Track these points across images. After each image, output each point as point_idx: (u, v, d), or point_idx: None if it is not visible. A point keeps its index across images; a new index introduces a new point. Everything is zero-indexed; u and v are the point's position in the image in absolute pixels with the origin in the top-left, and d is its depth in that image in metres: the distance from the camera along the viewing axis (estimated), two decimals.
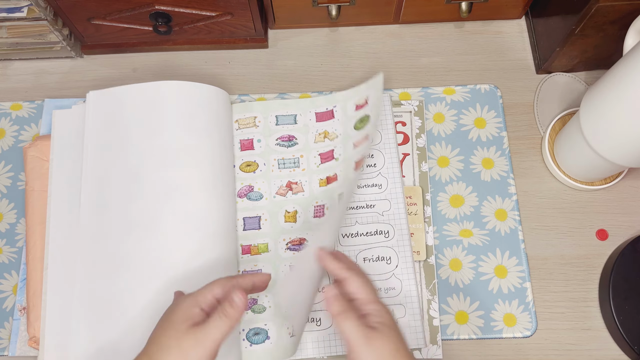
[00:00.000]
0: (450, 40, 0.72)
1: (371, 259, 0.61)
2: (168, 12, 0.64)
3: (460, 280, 0.61)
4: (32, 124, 0.68)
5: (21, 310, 0.60)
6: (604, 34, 0.61)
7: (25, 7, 0.62)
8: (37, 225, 0.61)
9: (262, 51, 0.72)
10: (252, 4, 0.63)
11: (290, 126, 0.66)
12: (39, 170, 0.63)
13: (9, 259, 0.62)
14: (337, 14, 0.67)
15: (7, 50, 0.69)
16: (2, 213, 0.64)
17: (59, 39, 0.67)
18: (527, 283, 0.61)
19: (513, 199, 0.64)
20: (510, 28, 0.72)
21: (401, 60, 0.71)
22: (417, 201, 0.63)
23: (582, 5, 0.57)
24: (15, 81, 0.70)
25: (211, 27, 0.67)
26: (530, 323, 0.59)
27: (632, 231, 0.63)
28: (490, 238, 0.63)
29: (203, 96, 0.63)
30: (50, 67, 0.71)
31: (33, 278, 0.59)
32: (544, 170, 0.66)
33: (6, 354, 0.59)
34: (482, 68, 0.70)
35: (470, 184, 0.65)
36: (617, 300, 0.58)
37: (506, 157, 0.66)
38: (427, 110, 0.68)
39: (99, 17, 0.65)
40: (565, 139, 0.62)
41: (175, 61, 0.71)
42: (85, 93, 0.64)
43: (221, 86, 0.69)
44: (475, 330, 0.59)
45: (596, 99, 0.54)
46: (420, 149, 0.66)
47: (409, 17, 0.71)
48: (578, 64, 0.68)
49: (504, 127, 0.67)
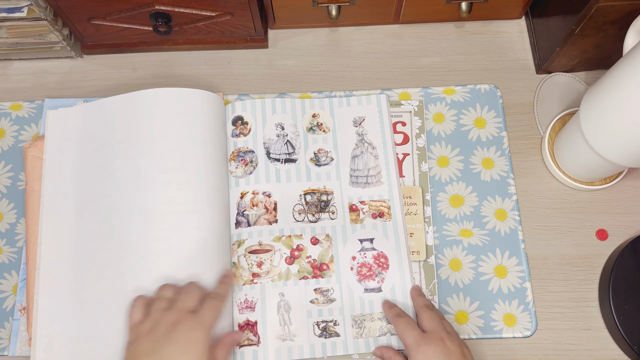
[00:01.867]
0: (450, 40, 0.72)
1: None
2: (168, 12, 0.64)
3: (460, 280, 0.61)
4: (32, 124, 0.68)
5: (21, 310, 0.60)
6: (604, 34, 0.61)
7: (25, 7, 0.62)
8: (37, 225, 0.60)
9: (262, 51, 0.72)
10: (252, 4, 0.63)
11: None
12: (39, 170, 0.63)
13: (9, 259, 0.62)
14: (337, 14, 0.67)
15: (7, 50, 0.69)
16: (2, 213, 0.64)
17: (59, 39, 0.67)
18: (527, 283, 0.61)
19: (513, 199, 0.64)
20: (510, 28, 0.72)
21: (401, 60, 0.71)
22: (417, 201, 0.63)
23: (582, 5, 0.57)
24: (15, 81, 0.70)
25: (211, 27, 0.67)
26: (530, 323, 0.59)
27: (632, 231, 0.63)
28: (490, 238, 0.63)
29: (193, 103, 0.62)
30: (50, 67, 0.71)
31: (33, 278, 0.59)
32: (544, 170, 0.66)
33: (6, 354, 0.59)
34: (482, 68, 0.70)
35: (470, 184, 0.65)
36: (617, 300, 0.58)
37: (506, 157, 0.66)
38: (427, 110, 0.68)
39: (99, 17, 0.65)
40: (565, 139, 0.62)
41: (175, 61, 0.71)
42: (85, 93, 0.64)
43: (221, 86, 0.69)
44: (475, 330, 0.59)
45: (596, 99, 0.54)
46: (420, 149, 0.66)
47: (409, 17, 0.71)
48: (578, 64, 0.68)
49: (504, 127, 0.67)
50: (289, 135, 0.65)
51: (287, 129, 0.65)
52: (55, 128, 0.63)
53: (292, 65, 0.71)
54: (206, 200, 0.59)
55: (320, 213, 0.62)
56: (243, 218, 0.61)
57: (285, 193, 0.62)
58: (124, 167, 0.59)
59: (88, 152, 0.61)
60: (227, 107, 0.66)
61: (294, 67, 0.71)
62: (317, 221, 0.61)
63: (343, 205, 0.62)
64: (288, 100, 0.67)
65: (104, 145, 0.61)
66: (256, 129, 0.65)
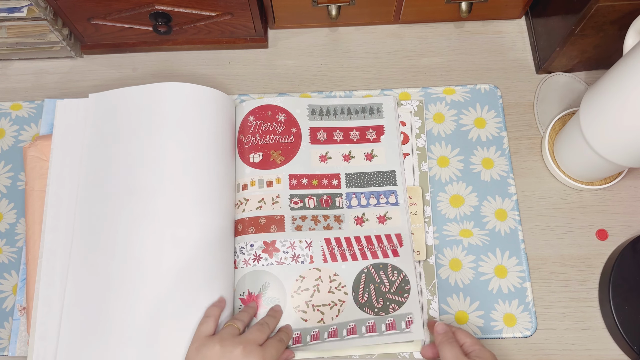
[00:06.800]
0: (450, 40, 0.72)
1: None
2: (168, 12, 0.64)
3: (460, 280, 0.61)
4: (32, 124, 0.68)
5: (21, 310, 0.60)
6: (604, 34, 0.61)
7: (25, 7, 0.62)
8: (37, 225, 0.60)
9: (262, 51, 0.72)
10: (252, 4, 0.63)
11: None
12: (39, 170, 0.63)
13: (9, 259, 0.62)
14: (337, 14, 0.67)
15: (7, 50, 0.69)
16: (2, 213, 0.64)
17: (58, 39, 0.67)
18: (527, 283, 0.61)
19: (513, 199, 0.64)
20: (510, 28, 0.73)
21: (401, 60, 0.71)
22: (417, 201, 0.63)
23: (582, 5, 0.57)
24: (15, 81, 0.70)
25: (211, 27, 0.67)
26: (530, 323, 0.59)
27: (632, 231, 0.63)
28: (490, 238, 0.63)
29: (206, 101, 0.62)
30: (50, 67, 0.71)
31: (33, 278, 0.59)
32: (544, 170, 0.66)
33: (6, 354, 0.59)
34: (482, 68, 0.70)
35: (470, 184, 0.65)
36: (617, 300, 0.58)
37: (506, 157, 0.66)
38: (427, 110, 0.68)
39: (98, 17, 0.65)
40: (565, 139, 0.62)
41: (175, 61, 0.71)
42: (85, 93, 0.64)
43: (221, 86, 0.69)
44: (475, 330, 0.59)
45: (596, 99, 0.54)
46: (420, 148, 0.66)
47: (409, 17, 0.71)
48: (578, 64, 0.68)
49: (504, 127, 0.67)
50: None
51: None
52: (64, 118, 0.63)
53: (292, 65, 0.71)
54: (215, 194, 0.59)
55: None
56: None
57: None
58: (132, 159, 0.59)
59: (97, 144, 0.61)
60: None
61: (294, 67, 0.71)
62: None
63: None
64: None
65: (110, 145, 0.61)
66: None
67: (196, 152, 0.60)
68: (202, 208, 0.58)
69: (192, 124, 0.61)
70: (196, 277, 0.56)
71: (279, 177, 0.62)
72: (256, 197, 0.61)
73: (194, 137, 0.60)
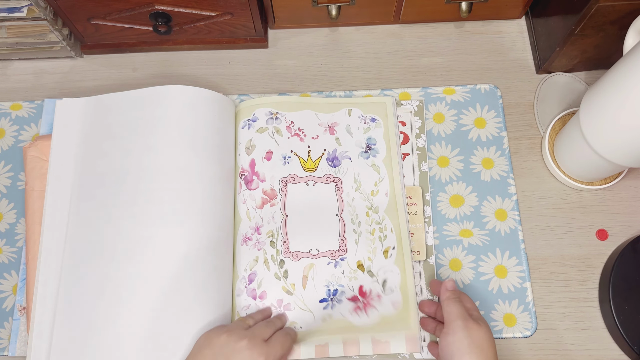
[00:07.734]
0: (450, 40, 0.72)
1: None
2: (168, 12, 0.64)
3: (460, 280, 0.61)
4: (32, 124, 0.68)
5: (21, 310, 0.60)
6: (604, 34, 0.61)
7: (25, 7, 0.62)
8: (37, 225, 0.60)
9: (262, 51, 0.72)
10: (252, 4, 0.63)
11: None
12: (38, 170, 0.63)
13: (8, 259, 0.62)
14: (337, 14, 0.67)
15: (7, 50, 0.69)
16: (2, 213, 0.64)
17: (58, 39, 0.67)
18: (527, 283, 0.61)
19: (513, 199, 0.64)
20: (510, 28, 0.73)
21: (401, 60, 0.71)
22: (417, 201, 0.63)
23: (582, 5, 0.57)
24: (15, 81, 0.70)
25: (211, 27, 0.67)
26: (530, 323, 0.59)
27: (632, 231, 0.63)
28: (490, 238, 0.63)
29: (205, 103, 0.62)
30: (50, 67, 0.71)
31: (33, 278, 0.59)
32: (544, 170, 0.66)
33: (6, 354, 0.59)
34: (482, 68, 0.70)
35: (470, 184, 0.65)
36: (617, 300, 0.58)
37: (506, 157, 0.66)
38: (427, 110, 0.68)
39: (98, 17, 0.65)
40: (565, 139, 0.62)
41: (175, 61, 0.71)
42: (85, 93, 0.64)
43: (221, 86, 0.69)
44: None
45: (596, 99, 0.54)
46: (420, 149, 0.66)
47: (409, 17, 0.71)
48: (578, 64, 0.68)
49: (504, 127, 0.67)
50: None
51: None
52: (64, 118, 0.63)
53: (292, 65, 0.71)
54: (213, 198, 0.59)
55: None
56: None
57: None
58: (130, 161, 0.59)
59: (95, 145, 0.61)
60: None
61: (294, 67, 0.71)
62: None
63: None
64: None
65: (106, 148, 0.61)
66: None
67: (194, 155, 0.59)
68: (199, 210, 0.58)
69: (191, 126, 0.60)
70: (193, 278, 0.56)
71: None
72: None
73: (192, 140, 0.60)
